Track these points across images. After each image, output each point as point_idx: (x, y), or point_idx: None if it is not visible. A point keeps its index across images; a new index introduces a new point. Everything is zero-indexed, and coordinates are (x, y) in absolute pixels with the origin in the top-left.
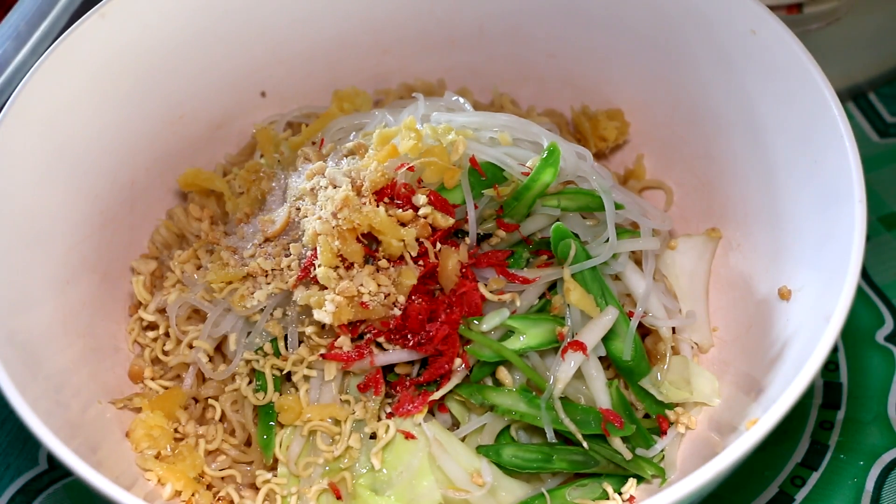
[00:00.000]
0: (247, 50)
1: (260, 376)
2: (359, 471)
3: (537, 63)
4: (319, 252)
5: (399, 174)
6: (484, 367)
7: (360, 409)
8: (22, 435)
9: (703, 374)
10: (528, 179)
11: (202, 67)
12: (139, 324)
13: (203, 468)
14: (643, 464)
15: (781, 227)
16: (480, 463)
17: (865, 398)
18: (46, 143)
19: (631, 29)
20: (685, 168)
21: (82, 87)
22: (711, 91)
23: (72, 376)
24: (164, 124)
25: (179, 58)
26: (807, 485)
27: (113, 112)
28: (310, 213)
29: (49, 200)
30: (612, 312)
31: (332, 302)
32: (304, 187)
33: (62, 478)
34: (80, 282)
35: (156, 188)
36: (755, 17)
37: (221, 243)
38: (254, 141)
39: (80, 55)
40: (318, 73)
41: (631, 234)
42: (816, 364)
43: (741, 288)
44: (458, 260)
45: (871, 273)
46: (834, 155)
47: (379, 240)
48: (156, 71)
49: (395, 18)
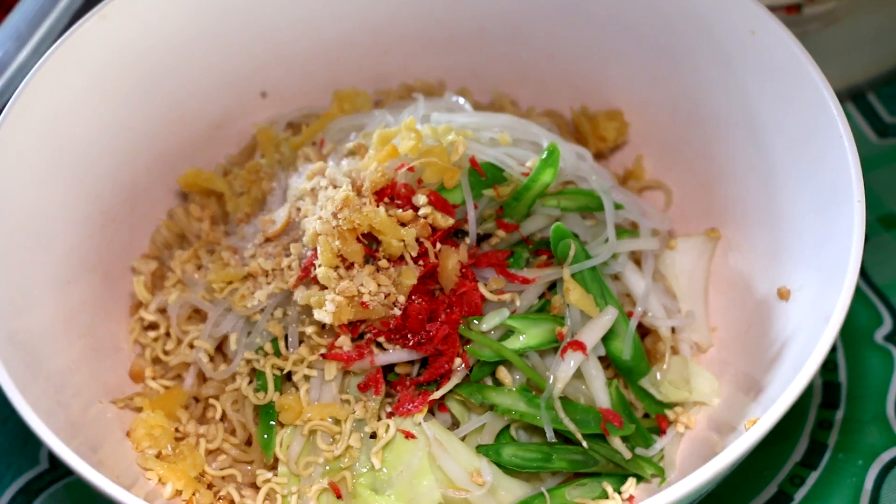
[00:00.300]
0: (247, 50)
1: (260, 376)
2: (359, 470)
3: (537, 63)
4: (320, 252)
5: (399, 174)
6: (484, 367)
7: (360, 409)
8: (23, 434)
9: (703, 374)
10: (528, 180)
11: (202, 67)
12: (140, 323)
13: (204, 467)
14: (643, 463)
15: (781, 227)
16: (480, 462)
17: (864, 398)
18: (47, 143)
19: (631, 29)
20: (685, 168)
21: (83, 87)
22: (711, 91)
23: (73, 376)
24: (164, 124)
25: (179, 58)
26: (806, 484)
27: (113, 112)
28: (310, 214)
29: (50, 200)
30: (611, 312)
31: (333, 302)
32: (305, 187)
33: (63, 477)
34: (81, 282)
35: (156, 188)
36: (754, 17)
37: (222, 243)
38: (254, 141)
39: (81, 56)
40: (318, 73)
41: (630, 234)
42: (815, 364)
43: (741, 288)
44: (458, 260)
45: (870, 273)
46: (833, 155)
47: (379, 240)
48: (156, 71)
49: (395, 18)
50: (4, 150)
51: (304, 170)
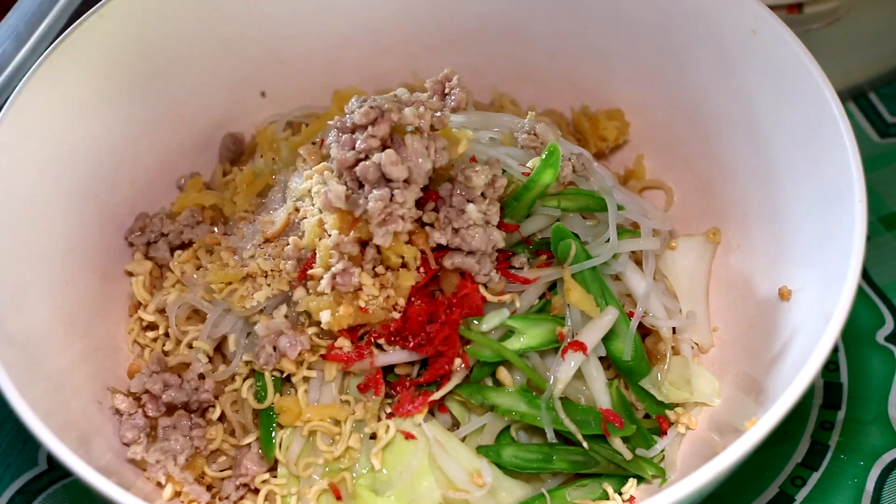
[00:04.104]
0: (247, 50)
1: (260, 377)
2: (359, 471)
3: (537, 63)
4: (318, 256)
5: None
6: (484, 368)
7: (360, 410)
8: (21, 435)
9: (704, 375)
10: (528, 180)
11: (202, 67)
12: (139, 324)
13: (203, 468)
14: (643, 464)
15: (782, 227)
16: (480, 463)
17: (866, 398)
18: (46, 143)
19: (632, 28)
20: (685, 168)
21: (82, 87)
22: (711, 91)
23: (71, 376)
24: (164, 124)
25: (179, 58)
26: (807, 485)
27: (112, 112)
28: (309, 214)
29: (48, 200)
30: (612, 312)
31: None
32: (304, 188)
33: (62, 478)
34: (80, 282)
35: (156, 188)
36: (755, 16)
37: (221, 244)
38: (254, 141)
39: (80, 56)
40: (318, 73)
41: (631, 235)
42: (817, 364)
43: (741, 288)
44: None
45: (872, 273)
46: (834, 155)
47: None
48: (155, 71)
49: (395, 18)
50: (2, 150)
51: (303, 170)
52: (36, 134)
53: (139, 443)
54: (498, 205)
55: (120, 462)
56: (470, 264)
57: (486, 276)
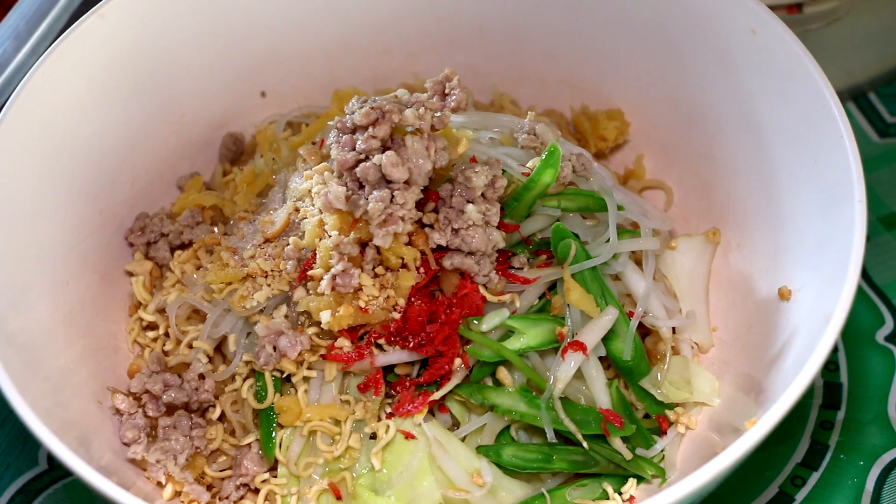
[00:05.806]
0: (247, 50)
1: (260, 377)
2: (359, 471)
3: (537, 63)
4: (318, 257)
5: None
6: (484, 368)
7: (360, 410)
8: (22, 435)
9: (703, 374)
10: (528, 180)
11: (202, 67)
12: (139, 324)
13: (203, 468)
14: (643, 464)
15: (781, 227)
16: (480, 463)
17: (865, 398)
18: (46, 143)
19: (631, 28)
20: (685, 168)
21: (82, 87)
22: (711, 91)
23: (72, 376)
24: (164, 124)
25: (179, 58)
26: (807, 485)
27: (112, 112)
28: (309, 214)
29: (49, 200)
30: (612, 312)
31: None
32: (304, 188)
33: (62, 478)
34: (80, 282)
35: (156, 188)
36: (755, 16)
37: (221, 244)
38: (254, 141)
39: (80, 55)
40: (318, 73)
41: (631, 235)
42: (816, 364)
43: (741, 288)
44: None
45: (871, 273)
46: (834, 155)
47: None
48: (156, 71)
49: (395, 19)
50: (2, 150)
51: (303, 170)
52: (36, 134)
53: (139, 442)
54: (498, 205)
55: (120, 462)
56: (470, 265)
57: (486, 277)
